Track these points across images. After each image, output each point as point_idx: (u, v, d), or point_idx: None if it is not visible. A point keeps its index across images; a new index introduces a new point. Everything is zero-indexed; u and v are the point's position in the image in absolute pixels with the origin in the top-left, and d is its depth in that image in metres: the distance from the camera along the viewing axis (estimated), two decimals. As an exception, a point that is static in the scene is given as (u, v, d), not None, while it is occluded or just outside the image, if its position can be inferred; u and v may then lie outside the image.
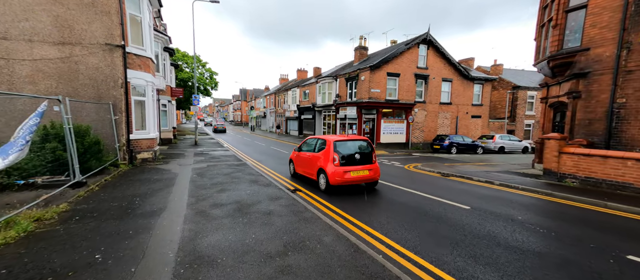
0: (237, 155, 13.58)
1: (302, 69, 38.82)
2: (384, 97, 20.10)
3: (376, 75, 19.70)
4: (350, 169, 6.73)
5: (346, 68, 25.11)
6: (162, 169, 9.18)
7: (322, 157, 7.15)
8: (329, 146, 7.00)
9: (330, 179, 6.66)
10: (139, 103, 10.15)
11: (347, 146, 7.08)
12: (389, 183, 8.46)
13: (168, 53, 17.93)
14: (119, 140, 8.99)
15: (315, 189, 7.39)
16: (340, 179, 6.61)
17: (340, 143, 7.05)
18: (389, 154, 17.24)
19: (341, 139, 7.19)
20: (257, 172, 9.06)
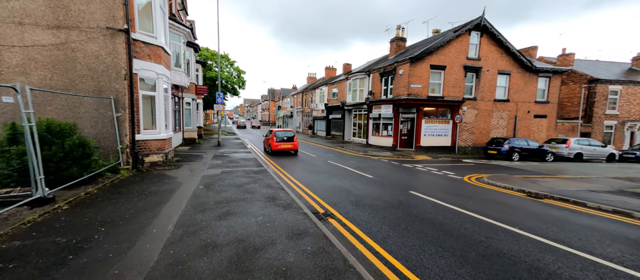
0: (259, 159, 11.89)
1: (330, 66, 36.79)
2: (425, 93, 17.21)
3: (417, 68, 16.88)
4: (282, 143, 13.90)
5: (380, 62, 22.47)
6: (169, 176, 7.67)
7: (270, 137, 14.36)
8: (273, 133, 14.34)
9: (271, 148, 13.86)
10: (147, 99, 8.83)
11: (280, 134, 14.34)
12: (455, 207, 5.95)
13: (193, 49, 16.99)
14: (122, 141, 7.66)
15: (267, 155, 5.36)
16: (275, 147, 13.78)
17: (277, 131, 14.45)
18: (433, 160, 14.39)
19: (277, 130, 14.61)
20: (276, 184, 7.13)
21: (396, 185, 7.88)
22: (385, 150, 17.37)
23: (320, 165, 11.21)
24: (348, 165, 11.46)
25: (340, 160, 12.81)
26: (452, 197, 6.73)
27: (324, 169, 10.29)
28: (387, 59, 21.85)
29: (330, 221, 4.85)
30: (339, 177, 8.82)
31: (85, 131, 7.26)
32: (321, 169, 10.28)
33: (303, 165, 11.20)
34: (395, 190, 7.34)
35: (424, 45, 18.49)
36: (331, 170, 10.08)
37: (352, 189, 7.27)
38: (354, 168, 10.70)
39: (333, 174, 9.33)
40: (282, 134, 14.50)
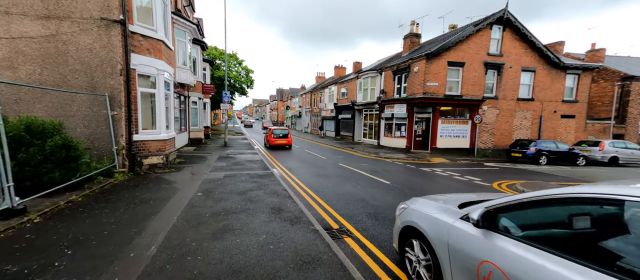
0: (265, 161, 11.15)
1: (339, 65, 35.88)
2: (442, 92, 16.08)
3: (434, 65, 15.78)
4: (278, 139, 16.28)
5: (393, 60, 21.42)
6: (167, 180, 7.00)
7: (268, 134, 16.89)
8: (270, 131, 16.91)
9: (269, 143, 16.35)
10: (147, 96, 8.21)
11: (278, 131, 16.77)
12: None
13: (200, 46, 16.46)
14: (117, 142, 7.05)
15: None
16: (273, 142, 16.19)
17: (275, 129, 16.98)
18: (451, 163, 13.30)
19: (274, 128, 17.24)
20: (283, 191, 6.33)
21: (418, 194, 6.95)
22: (399, 152, 16.35)
23: (330, 169, 10.36)
24: (360, 168, 10.57)
25: (352, 163, 11.92)
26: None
27: (334, 173, 9.44)
28: (401, 56, 20.78)
29: (347, 241, 4.00)
30: (352, 183, 7.95)
31: (78, 131, 6.68)
32: (332, 173, 9.44)
33: (312, 168, 10.38)
34: (417, 199, 6.42)
35: (440, 41, 17.35)
36: (343, 174, 9.22)
37: (368, 198, 6.38)
38: (368, 172, 9.80)
39: (345, 179, 8.47)
40: (278, 132, 17.07)
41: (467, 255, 2.01)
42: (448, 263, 2.18)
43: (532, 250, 1.66)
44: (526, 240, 1.74)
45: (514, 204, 1.98)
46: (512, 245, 1.77)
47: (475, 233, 2.02)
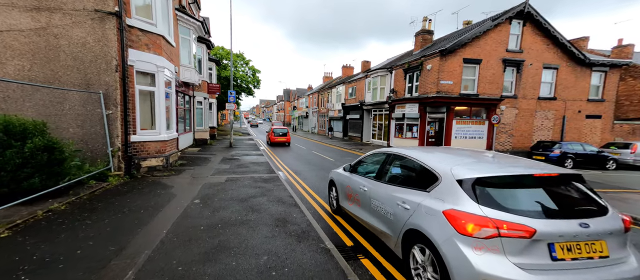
0: (271, 163, 10.56)
1: (347, 65, 35.11)
2: (457, 90, 15.17)
3: (448, 62, 14.90)
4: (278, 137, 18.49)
5: (404, 58, 20.56)
6: (164, 185, 6.46)
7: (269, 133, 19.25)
8: (271, 130, 19.10)
9: (270, 140, 18.60)
10: (146, 95, 7.72)
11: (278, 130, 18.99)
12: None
13: (205, 45, 16.06)
14: (113, 143, 6.55)
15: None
16: (273, 140, 18.41)
17: (275, 128, 19.17)
18: None
19: (275, 127, 20.14)
20: (289, 198, 5.68)
21: (439, 202, 6.18)
22: (411, 154, 15.50)
23: (340, 172, 9.67)
24: (372, 172, 9.84)
25: (362, 166, 11.20)
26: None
27: (345, 177, 8.74)
28: (412, 54, 19.91)
29: (365, 264, 3.32)
30: (364, 189, 7.24)
31: (71, 131, 6.22)
32: (342, 177, 8.74)
33: (320, 171, 9.72)
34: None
35: (454, 38, 16.43)
36: (354, 179, 8.51)
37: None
38: (380, 176, 9.07)
39: (357, 184, 7.76)
40: (278, 131, 19.27)
41: (343, 183, 4.63)
42: (338, 188, 4.85)
43: (360, 177, 4.12)
44: (360, 174, 4.24)
45: (357, 162, 4.61)
46: (355, 176, 4.28)
47: (346, 174, 4.60)
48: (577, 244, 2.04)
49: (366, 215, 3.75)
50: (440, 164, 2.77)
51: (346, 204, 4.48)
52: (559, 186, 2.42)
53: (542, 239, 2.01)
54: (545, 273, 1.95)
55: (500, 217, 2.10)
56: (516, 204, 2.22)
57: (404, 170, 3.40)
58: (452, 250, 2.18)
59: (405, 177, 3.32)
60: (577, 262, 2.00)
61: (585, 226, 2.05)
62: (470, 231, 2.12)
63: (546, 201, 2.26)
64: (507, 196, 2.28)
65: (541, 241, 2.01)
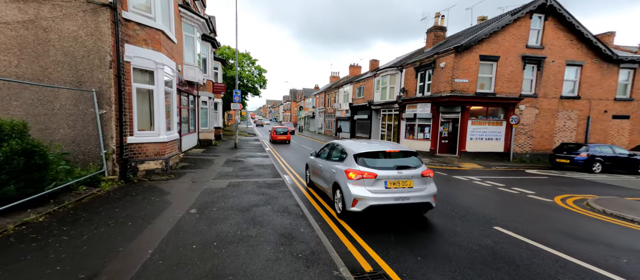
0: (276, 165, 9.98)
1: (355, 64, 34.37)
2: (473, 89, 14.28)
3: (464, 59, 14.03)
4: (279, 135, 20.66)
5: (414, 56, 19.72)
6: (161, 190, 5.93)
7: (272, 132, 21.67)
8: (273, 129, 21.62)
9: (272, 138, 20.99)
10: (144, 93, 7.23)
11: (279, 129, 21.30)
12: (617, 276, 3.44)
13: (210, 44, 15.63)
14: (107, 145, 6.06)
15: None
16: (275, 138, 20.72)
17: (277, 128, 21.64)
18: (487, 169, 11.56)
19: (277, 126, 22.88)
20: (295, 209, 5.05)
21: (467, 214, 5.46)
22: (422, 156, 14.69)
23: (349, 176, 9.01)
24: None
25: (373, 169, 10.50)
26: (579, 245, 4.17)
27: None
28: (423, 51, 19.05)
29: (390, 300, 2.65)
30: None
31: (61, 132, 5.75)
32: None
33: (329, 175, 9.06)
34: (470, 223, 4.94)
35: (469, 34, 15.54)
36: (365, 184, 7.83)
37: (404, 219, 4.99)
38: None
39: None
40: (280, 130, 21.50)
41: (312, 164, 6.85)
42: (310, 168, 7.10)
43: (319, 159, 6.27)
44: (320, 157, 6.30)
45: (319, 150, 6.70)
46: (317, 159, 6.43)
47: (313, 158, 6.83)
48: (397, 181, 4.44)
49: (320, 181, 6.10)
50: (350, 147, 5.03)
51: (314, 177, 6.74)
52: (398, 157, 4.80)
53: (381, 178, 4.38)
54: (381, 193, 4.35)
55: (364, 169, 4.41)
56: (373, 164, 4.57)
57: (337, 152, 5.59)
58: (345, 186, 4.51)
59: (336, 156, 5.50)
60: (397, 188, 4.43)
61: (400, 173, 4.45)
62: (352, 176, 4.43)
63: (386, 163, 4.67)
64: (369, 160, 4.61)
65: (380, 179, 4.38)
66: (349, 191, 4.41)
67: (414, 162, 4.76)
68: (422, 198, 4.45)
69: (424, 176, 4.55)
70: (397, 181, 4.42)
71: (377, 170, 4.40)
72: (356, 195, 4.31)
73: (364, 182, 4.38)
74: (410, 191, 4.44)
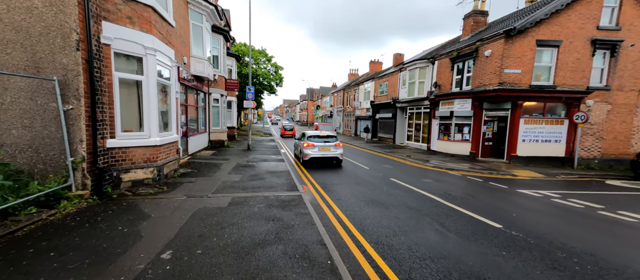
0: (292, 172, 8.27)
1: (376, 60, 32.08)
2: (527, 81, 11.75)
3: (516, 46, 11.55)
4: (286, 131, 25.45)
5: (447, 46, 17.27)
6: (139, 213, 4.39)
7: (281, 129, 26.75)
8: (282, 126, 27.05)
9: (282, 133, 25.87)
10: (130, 86, 5.78)
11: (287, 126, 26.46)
12: None
13: (222, 36, 14.27)
14: (75, 150, 4.62)
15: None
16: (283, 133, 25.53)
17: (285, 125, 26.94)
18: (548, 179, 9.16)
19: (285, 124, 29.25)
20: (319, 251, 3.26)
21: (586, 260, 3.38)
22: (461, 161, 12.39)
23: (382, 188, 7.09)
24: (427, 188, 7.11)
25: (408, 177, 8.48)
26: None
27: (393, 198, 6.14)
28: (459, 41, 16.55)
29: None
30: (432, 224, 4.61)
31: (14, 133, 4.36)
32: (389, 198, 6.16)
33: (357, 186, 7.20)
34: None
35: (519, 16, 12.96)
36: (407, 201, 5.89)
37: (486, 273, 3.03)
38: (444, 197, 6.33)
39: (416, 213, 5.14)
40: (287, 126, 26.28)
41: (297, 145, 11.59)
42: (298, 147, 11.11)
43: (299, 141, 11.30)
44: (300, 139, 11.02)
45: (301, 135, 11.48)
46: (296, 141, 12.09)
47: (297, 141, 11.79)
48: (323, 147, 9.90)
49: (297, 151, 11.35)
50: (306, 133, 10.82)
51: (295, 151, 11.82)
52: (326, 137, 10.40)
53: (316, 145, 9.88)
54: (317, 153, 9.80)
55: (308, 142, 9.97)
56: (313, 140, 10.10)
57: (302, 136, 10.94)
58: (302, 150, 10.00)
59: (301, 138, 10.84)
60: (323, 150, 9.87)
61: (325, 143, 10.03)
62: (304, 145, 9.93)
63: (320, 140, 10.20)
64: (313, 139, 10.21)
65: (316, 145, 9.90)
66: (303, 151, 9.86)
67: (332, 140, 10.29)
68: (334, 155, 10.01)
69: (336, 146, 10.06)
70: (323, 147, 9.86)
71: (315, 142, 9.96)
72: (306, 153, 9.72)
73: (309, 148, 9.78)
74: (328, 152, 9.89)
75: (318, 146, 9.80)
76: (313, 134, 10.49)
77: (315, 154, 9.72)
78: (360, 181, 7.90)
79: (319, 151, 9.76)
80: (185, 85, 10.14)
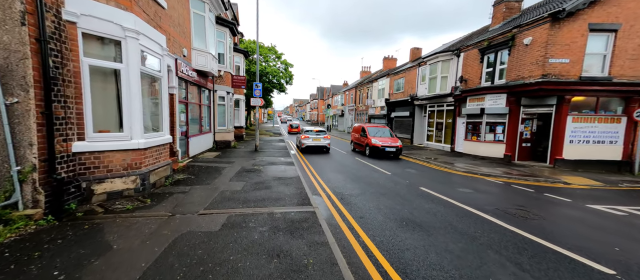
0: (303, 176, 7.00)
1: (390, 56, 30.42)
2: (576, 72, 9.97)
3: (564, 31, 9.80)
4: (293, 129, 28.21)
5: (473, 37, 15.51)
6: (96, 244, 3.23)
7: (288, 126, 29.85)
8: (289, 124, 30.44)
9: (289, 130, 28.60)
10: (105, 75, 4.67)
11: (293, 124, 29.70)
12: None
13: (229, 29, 13.18)
14: (22, 157, 3.52)
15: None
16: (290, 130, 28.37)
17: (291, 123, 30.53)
18: (608, 187, 7.51)
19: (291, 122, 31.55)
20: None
21: None
22: (494, 164, 10.75)
23: (412, 199, 5.68)
24: (470, 202, 5.65)
25: (440, 186, 7.01)
26: None
27: (430, 216, 4.73)
28: (488, 30, 14.77)
29: None
30: (499, 262, 3.21)
31: (-58, 136, 3.27)
32: (425, 215, 4.75)
33: (381, 198, 5.82)
34: None
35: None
36: (452, 222, 4.47)
37: None
38: (498, 216, 4.86)
39: (469, 241, 3.74)
40: (294, 124, 28.66)
41: (298, 138, 14.76)
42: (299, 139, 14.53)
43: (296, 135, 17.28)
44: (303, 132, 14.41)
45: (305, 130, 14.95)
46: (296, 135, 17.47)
47: (299, 135, 15.05)
48: (316, 138, 13.44)
49: (298, 143, 14.43)
50: (303, 128, 16.08)
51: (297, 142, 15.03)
52: (318, 131, 14.14)
53: (310, 137, 13.48)
54: (311, 142, 13.30)
55: (305, 135, 13.64)
56: (310, 134, 13.70)
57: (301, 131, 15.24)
58: (301, 140, 13.67)
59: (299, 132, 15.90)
60: (315, 141, 13.35)
61: (317, 135, 13.60)
62: (302, 137, 13.62)
63: (313, 133, 13.85)
64: (308, 132, 13.90)
65: (310, 137, 13.49)
66: (301, 141, 13.48)
67: (322, 134, 13.87)
68: (323, 144, 13.42)
69: (325, 138, 13.57)
70: (315, 138, 13.33)
71: (309, 135, 13.56)
72: (304, 143, 13.23)
73: (305, 139, 13.30)
74: (319, 142, 13.29)
75: (311, 138, 13.55)
76: (309, 129, 14.66)
77: (309, 143, 13.42)
78: (383, 190, 6.52)
79: (312, 141, 13.43)
80: (185, 80, 9.08)
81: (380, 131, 13.62)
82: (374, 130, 13.58)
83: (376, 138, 12.67)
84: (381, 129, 13.84)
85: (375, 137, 12.76)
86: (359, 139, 13.95)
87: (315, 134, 13.73)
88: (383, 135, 13.22)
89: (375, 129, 13.73)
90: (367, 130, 13.44)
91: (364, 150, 13.08)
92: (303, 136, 13.71)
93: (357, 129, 14.87)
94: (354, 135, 15.12)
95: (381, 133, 13.49)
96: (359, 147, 14.08)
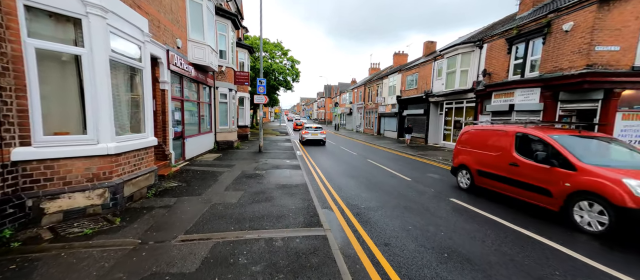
0: (311, 184, 5.90)
1: (401, 52, 28.91)
2: (628, 61, 8.49)
3: (614, 14, 8.34)
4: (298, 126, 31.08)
5: (498, 26, 14.02)
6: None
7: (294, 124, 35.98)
8: (294, 122, 36.52)
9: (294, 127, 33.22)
10: (63, 64, 3.68)
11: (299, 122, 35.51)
12: None
13: (231, 22, 12.18)
14: None
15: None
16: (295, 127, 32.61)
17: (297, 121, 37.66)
18: None
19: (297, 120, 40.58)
20: None
21: None
22: (532, 169, 9.31)
23: (447, 217, 4.49)
24: (510, 218, 4.40)
25: (470, 197, 5.76)
26: None
27: (479, 244, 3.55)
28: (515, 18, 13.25)
29: None
30: None
31: None
32: (470, 243, 3.57)
33: (408, 215, 4.66)
34: None
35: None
36: (513, 256, 3.27)
37: None
38: (566, 244, 3.62)
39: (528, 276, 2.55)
40: (299, 122, 31.99)
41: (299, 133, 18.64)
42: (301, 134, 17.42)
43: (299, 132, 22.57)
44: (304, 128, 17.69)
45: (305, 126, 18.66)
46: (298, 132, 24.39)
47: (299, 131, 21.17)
48: (314, 133, 16.51)
49: (300, 137, 17.42)
50: (305, 124, 21.49)
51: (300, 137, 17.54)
52: (317, 127, 17.47)
53: (309, 132, 16.64)
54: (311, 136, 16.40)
55: (305, 130, 16.87)
56: (309, 130, 16.83)
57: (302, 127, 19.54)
58: (302, 135, 16.76)
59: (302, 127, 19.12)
60: (314, 135, 16.40)
61: (315, 131, 16.66)
62: (303, 132, 16.82)
63: (313, 128, 17.01)
64: (308, 128, 17.14)
65: (309, 132, 16.59)
66: (302, 136, 16.54)
67: (319, 129, 16.95)
68: (320, 138, 16.41)
69: (321, 133, 16.53)
70: (314, 133, 16.37)
71: (309, 130, 16.59)
72: (304, 137, 16.34)
73: (306, 134, 16.34)
74: (317, 136, 16.30)
75: (311, 133, 16.41)
76: (308, 126, 17.62)
77: (309, 137, 16.30)
78: (407, 203, 5.36)
79: (311, 135, 16.30)
80: (180, 75, 8.12)
81: None
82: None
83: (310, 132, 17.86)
84: None
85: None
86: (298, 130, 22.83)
87: (314, 130, 16.83)
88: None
89: None
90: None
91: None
92: (304, 132, 16.86)
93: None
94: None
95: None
96: None
